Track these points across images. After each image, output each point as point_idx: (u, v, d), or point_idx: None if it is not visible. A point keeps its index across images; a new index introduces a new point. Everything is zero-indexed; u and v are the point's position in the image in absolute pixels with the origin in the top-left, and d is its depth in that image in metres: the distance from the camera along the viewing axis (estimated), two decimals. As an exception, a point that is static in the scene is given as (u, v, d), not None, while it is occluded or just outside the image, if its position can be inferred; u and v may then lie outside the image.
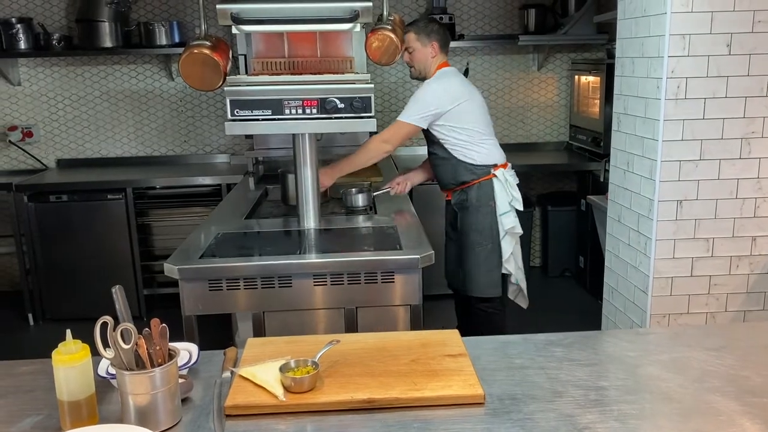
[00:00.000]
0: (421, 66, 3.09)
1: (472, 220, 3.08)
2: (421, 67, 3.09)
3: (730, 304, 2.85)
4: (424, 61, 3.08)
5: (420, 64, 3.08)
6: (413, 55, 3.07)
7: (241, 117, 2.48)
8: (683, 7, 2.57)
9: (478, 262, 3.10)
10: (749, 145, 2.70)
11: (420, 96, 3.01)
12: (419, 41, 3.04)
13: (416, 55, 3.06)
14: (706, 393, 1.37)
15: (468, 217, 3.09)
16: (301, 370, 1.39)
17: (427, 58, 3.07)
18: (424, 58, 3.07)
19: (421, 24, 3.09)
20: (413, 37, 3.03)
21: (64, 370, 1.25)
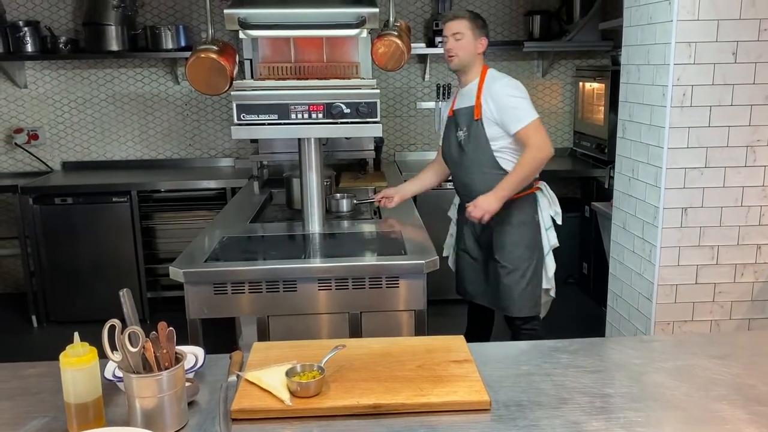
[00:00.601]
0: (465, 57, 2.76)
1: (515, 237, 2.83)
2: (465, 58, 2.77)
3: (734, 312, 2.85)
4: (470, 54, 2.77)
5: (465, 54, 2.76)
6: (460, 43, 2.75)
7: (248, 121, 2.49)
8: (689, 15, 2.58)
9: (520, 282, 2.84)
10: (755, 153, 2.70)
11: (516, 94, 2.73)
12: (472, 31, 2.75)
13: (464, 43, 2.74)
14: (712, 401, 1.37)
15: (509, 233, 2.82)
16: (307, 375, 1.39)
17: (474, 52, 2.78)
18: (472, 50, 2.76)
19: (475, 16, 2.82)
20: (467, 25, 2.75)
21: (71, 372, 1.25)
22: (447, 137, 2.94)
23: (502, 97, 2.71)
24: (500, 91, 2.72)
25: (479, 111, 2.75)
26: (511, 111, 2.69)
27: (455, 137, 2.86)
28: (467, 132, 2.79)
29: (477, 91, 2.78)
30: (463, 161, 2.83)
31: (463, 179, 2.87)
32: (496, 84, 2.74)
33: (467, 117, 2.80)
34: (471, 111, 2.78)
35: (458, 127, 2.84)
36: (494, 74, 2.81)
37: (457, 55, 2.76)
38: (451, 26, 2.75)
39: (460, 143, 2.83)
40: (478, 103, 2.76)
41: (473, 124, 2.77)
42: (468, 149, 2.80)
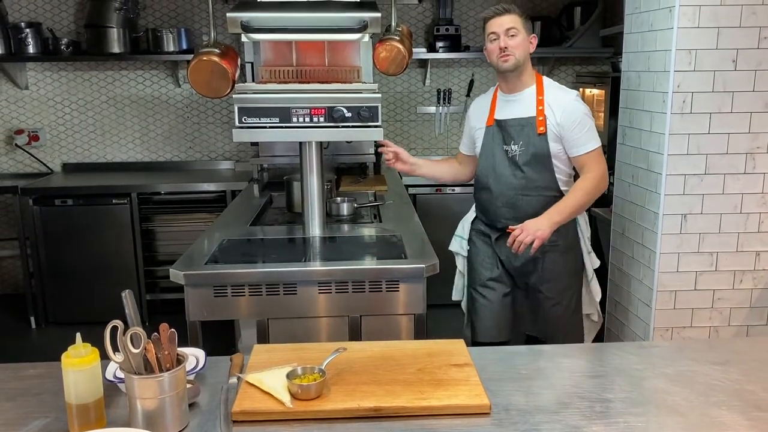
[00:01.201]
0: (522, 56, 2.46)
1: (561, 266, 2.58)
2: (522, 57, 2.46)
3: (733, 318, 2.85)
4: (526, 52, 2.48)
5: (522, 52, 2.45)
6: (515, 39, 2.43)
7: (249, 124, 2.50)
8: (690, 23, 2.59)
9: (566, 311, 2.64)
10: (754, 161, 2.71)
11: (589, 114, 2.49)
12: (524, 27, 2.47)
13: (519, 40, 2.44)
14: (712, 407, 1.37)
15: (556, 262, 2.56)
16: (308, 377, 1.40)
17: (528, 51, 2.49)
18: (527, 48, 2.48)
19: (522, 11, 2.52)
20: (519, 20, 2.45)
21: (73, 373, 1.25)
22: (489, 151, 2.58)
23: (576, 114, 2.44)
24: (575, 107, 2.45)
25: (544, 124, 2.45)
26: (583, 132, 2.44)
27: (503, 151, 2.53)
28: (525, 147, 2.48)
29: (536, 100, 2.49)
30: (516, 179, 2.51)
31: (514, 200, 2.53)
32: (566, 97, 2.48)
33: (525, 129, 2.48)
34: (531, 123, 2.47)
35: (509, 139, 2.51)
36: (554, 83, 2.55)
37: (513, 53, 2.43)
38: (503, 21, 2.43)
39: (513, 159, 2.51)
40: (541, 115, 2.46)
41: (535, 139, 2.46)
42: (526, 167, 2.49)
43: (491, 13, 2.46)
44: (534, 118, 2.47)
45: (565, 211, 2.44)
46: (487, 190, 2.59)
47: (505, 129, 2.53)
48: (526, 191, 2.51)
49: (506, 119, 2.52)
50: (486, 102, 2.63)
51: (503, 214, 2.56)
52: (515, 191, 2.52)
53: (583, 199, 2.47)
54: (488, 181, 2.57)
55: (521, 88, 2.51)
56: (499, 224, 2.58)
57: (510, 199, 2.54)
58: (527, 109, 2.49)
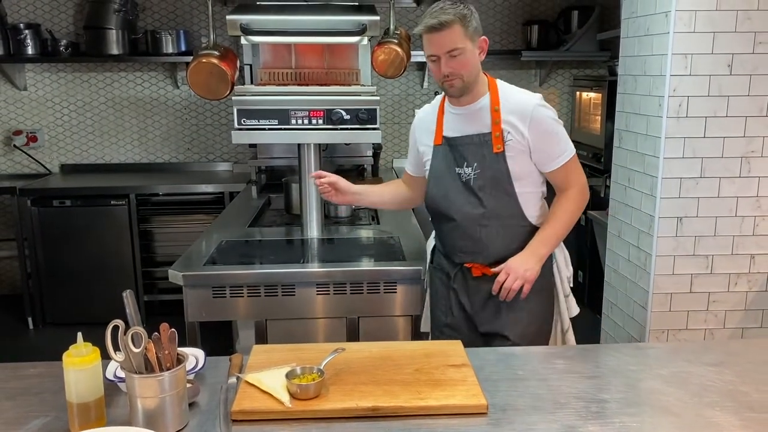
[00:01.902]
0: (470, 75, 1.97)
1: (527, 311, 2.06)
2: (470, 77, 1.98)
3: (728, 321, 2.87)
4: (476, 69, 1.99)
5: (470, 71, 1.96)
6: (460, 60, 1.93)
7: (248, 126, 2.51)
8: (686, 27, 2.61)
9: None
10: (749, 164, 2.74)
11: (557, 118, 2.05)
12: (470, 38, 1.94)
13: (466, 57, 1.93)
14: (706, 408, 1.39)
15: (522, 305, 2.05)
16: (306, 377, 1.41)
17: (477, 64, 1.99)
18: (476, 63, 1.99)
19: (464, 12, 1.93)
20: (461, 32, 1.91)
21: (74, 372, 1.26)
22: (439, 174, 2.11)
23: (545, 122, 2.00)
24: (542, 113, 2.00)
25: (501, 140, 1.99)
26: (556, 141, 2.02)
27: (455, 174, 2.06)
28: (480, 169, 2.02)
29: (491, 111, 2.01)
30: (473, 208, 2.04)
31: (472, 232, 2.06)
32: (529, 102, 2.01)
33: (479, 148, 2.02)
34: (485, 140, 2.01)
35: (461, 161, 2.05)
36: (512, 88, 2.09)
37: (460, 77, 1.95)
38: (443, 42, 1.91)
39: (467, 183, 2.04)
40: (498, 130, 2.00)
41: (491, 159, 2.00)
42: (482, 192, 2.03)
43: (424, 28, 1.93)
44: (489, 134, 2.00)
45: (550, 241, 2.03)
46: (443, 220, 2.13)
47: (455, 149, 2.06)
48: (485, 221, 2.03)
49: (456, 137, 2.06)
50: (432, 115, 2.16)
51: (461, 247, 2.09)
52: (473, 222, 2.05)
53: (570, 220, 2.06)
54: (441, 210, 2.11)
55: (472, 100, 2.03)
56: (456, 258, 2.11)
57: (467, 231, 2.06)
58: (481, 123, 2.03)
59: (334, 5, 2.74)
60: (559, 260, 2.13)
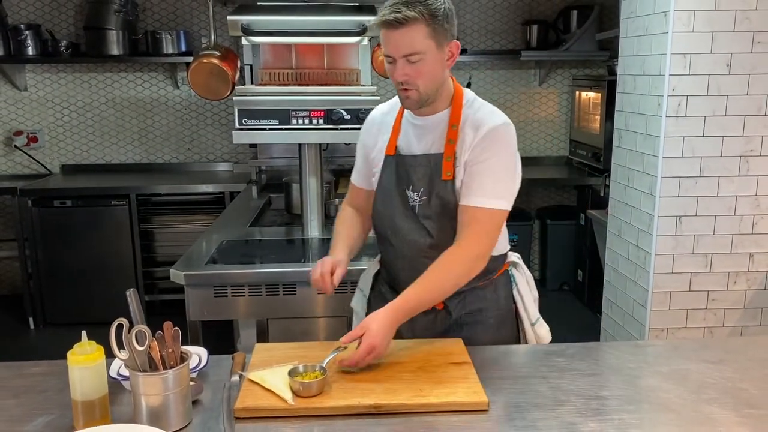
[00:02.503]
0: (429, 88, 1.61)
1: (495, 341, 1.77)
2: (429, 90, 1.61)
3: (727, 319, 2.88)
4: (438, 78, 1.62)
5: (429, 83, 1.60)
6: (419, 66, 1.56)
7: (249, 126, 2.52)
8: (685, 27, 2.62)
9: None
10: (748, 163, 2.75)
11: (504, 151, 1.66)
12: (434, 39, 1.56)
13: (426, 66, 1.57)
14: (705, 404, 1.40)
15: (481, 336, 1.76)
16: (309, 375, 1.42)
17: (442, 73, 1.63)
18: (438, 72, 1.61)
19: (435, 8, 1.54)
20: (425, 32, 1.54)
21: (79, 370, 1.27)
22: (386, 192, 1.76)
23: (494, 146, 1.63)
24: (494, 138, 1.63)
25: (452, 166, 1.65)
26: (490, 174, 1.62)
27: (403, 196, 1.73)
28: (427, 196, 1.69)
29: (447, 129, 1.67)
30: (420, 237, 1.72)
31: (417, 265, 1.67)
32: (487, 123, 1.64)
33: (428, 171, 1.68)
34: (436, 163, 1.67)
35: (408, 182, 1.71)
36: (481, 104, 1.71)
37: (416, 87, 1.59)
38: (400, 41, 1.54)
39: (413, 209, 1.71)
40: (449, 152, 1.65)
41: (439, 185, 1.67)
42: (427, 221, 1.70)
43: (381, 18, 1.54)
44: (440, 156, 1.66)
45: (414, 306, 1.60)
46: (386, 243, 1.80)
47: (404, 166, 1.72)
48: (433, 253, 1.66)
49: (406, 154, 1.72)
50: (389, 117, 1.80)
51: (405, 278, 1.70)
52: (418, 252, 1.72)
53: (442, 290, 1.64)
54: (386, 234, 1.79)
55: (431, 111, 1.68)
56: (400, 289, 1.67)
57: (413, 263, 1.72)
58: (435, 141, 1.68)
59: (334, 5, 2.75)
60: (520, 284, 1.84)
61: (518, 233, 4.82)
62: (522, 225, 4.86)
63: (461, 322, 1.77)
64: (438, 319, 1.77)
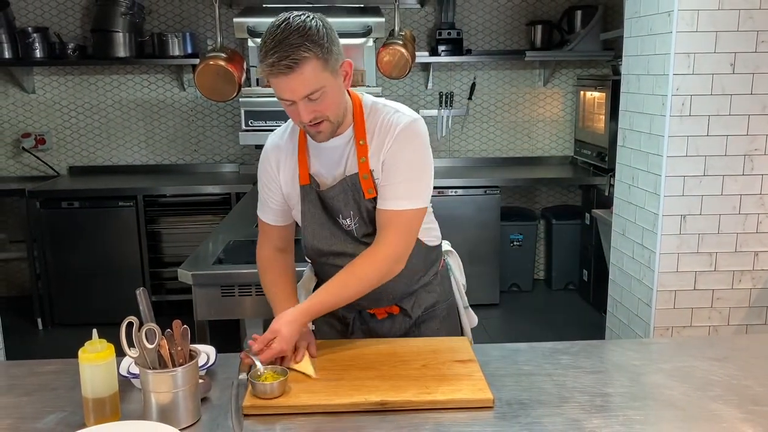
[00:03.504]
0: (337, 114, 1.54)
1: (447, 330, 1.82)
2: (338, 115, 1.55)
3: (732, 318, 2.89)
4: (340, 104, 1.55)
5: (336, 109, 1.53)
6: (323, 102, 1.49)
7: (255, 127, 2.55)
8: (688, 27, 2.63)
9: None
10: (752, 162, 2.75)
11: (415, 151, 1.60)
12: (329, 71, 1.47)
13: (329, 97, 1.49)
14: (709, 401, 1.41)
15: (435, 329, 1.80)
16: (270, 377, 1.42)
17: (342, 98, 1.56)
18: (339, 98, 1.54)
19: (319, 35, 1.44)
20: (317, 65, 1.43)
21: (90, 368, 1.29)
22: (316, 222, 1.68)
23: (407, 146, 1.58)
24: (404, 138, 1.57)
25: (371, 182, 1.61)
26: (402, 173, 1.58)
27: (333, 226, 1.68)
28: (359, 218, 1.65)
29: (356, 147, 1.60)
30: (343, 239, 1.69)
31: None
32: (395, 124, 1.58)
33: (349, 195, 1.63)
34: (355, 184, 1.62)
35: (337, 212, 1.66)
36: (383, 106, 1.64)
37: (326, 118, 1.52)
38: (295, 87, 1.45)
39: (351, 233, 1.67)
40: (365, 170, 1.60)
41: (366, 206, 1.63)
42: (371, 239, 1.64)
43: (269, 68, 1.43)
44: (356, 176, 1.61)
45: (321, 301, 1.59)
46: (327, 266, 1.72)
47: (325, 199, 1.65)
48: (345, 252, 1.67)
49: (323, 185, 1.65)
50: (291, 144, 1.68)
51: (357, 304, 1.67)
52: None
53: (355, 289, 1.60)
54: (328, 261, 1.72)
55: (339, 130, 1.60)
56: (355, 306, 1.71)
57: None
58: (347, 162, 1.62)
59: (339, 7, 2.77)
60: (455, 271, 1.87)
61: (523, 233, 4.84)
62: (527, 225, 4.87)
63: (419, 321, 1.78)
64: (396, 323, 1.77)
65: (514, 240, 4.83)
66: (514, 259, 4.84)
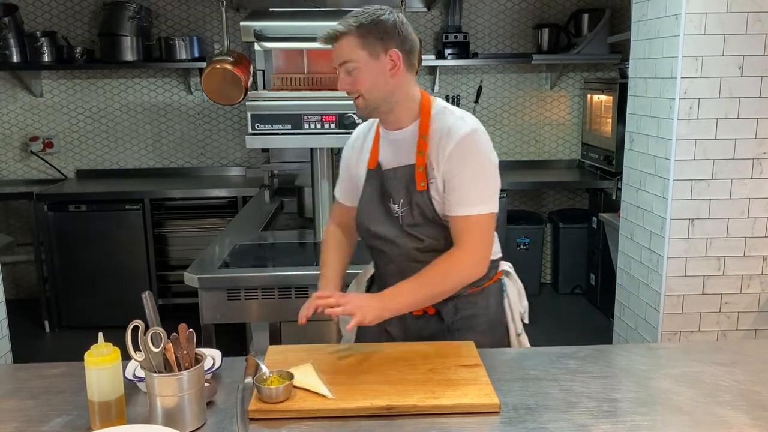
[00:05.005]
0: (374, 95, 1.67)
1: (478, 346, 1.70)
2: (374, 96, 1.67)
3: (741, 322, 2.87)
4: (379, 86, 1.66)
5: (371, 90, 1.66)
6: (356, 75, 1.65)
7: (262, 131, 2.55)
8: (696, 30, 2.62)
9: None
10: (761, 166, 2.74)
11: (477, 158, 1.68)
12: (367, 50, 1.63)
13: (362, 75, 1.64)
14: (717, 407, 1.40)
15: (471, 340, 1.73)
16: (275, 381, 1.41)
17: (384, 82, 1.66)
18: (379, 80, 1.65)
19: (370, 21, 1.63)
20: (356, 43, 1.63)
21: (96, 371, 1.30)
22: (369, 204, 1.81)
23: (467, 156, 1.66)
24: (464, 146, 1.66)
25: (425, 176, 1.70)
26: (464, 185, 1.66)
27: (386, 208, 1.77)
28: (408, 206, 1.73)
29: (418, 140, 1.71)
30: (409, 241, 1.76)
31: (406, 268, 1.74)
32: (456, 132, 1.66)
33: (404, 183, 1.73)
34: (410, 174, 1.72)
35: (389, 195, 1.76)
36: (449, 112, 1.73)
37: (360, 94, 1.67)
38: (337, 52, 1.66)
39: (397, 220, 1.75)
40: (421, 163, 1.70)
41: (417, 196, 1.71)
42: (415, 230, 1.74)
43: (320, 37, 1.68)
44: (413, 167, 1.72)
45: (401, 301, 1.66)
46: (376, 251, 1.86)
47: (385, 180, 1.77)
48: (422, 257, 1.74)
49: (386, 169, 1.77)
50: (370, 134, 1.86)
51: (394, 284, 1.71)
52: (408, 258, 1.77)
53: (434, 288, 1.68)
54: (373, 243, 1.84)
55: (397, 124, 1.74)
56: None
57: (401, 267, 1.77)
58: (408, 154, 1.73)
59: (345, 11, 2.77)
60: (510, 294, 1.86)
61: (530, 236, 4.83)
62: (534, 228, 4.86)
63: (452, 328, 1.80)
64: (430, 323, 1.81)
65: (520, 243, 4.82)
66: (521, 262, 4.77)
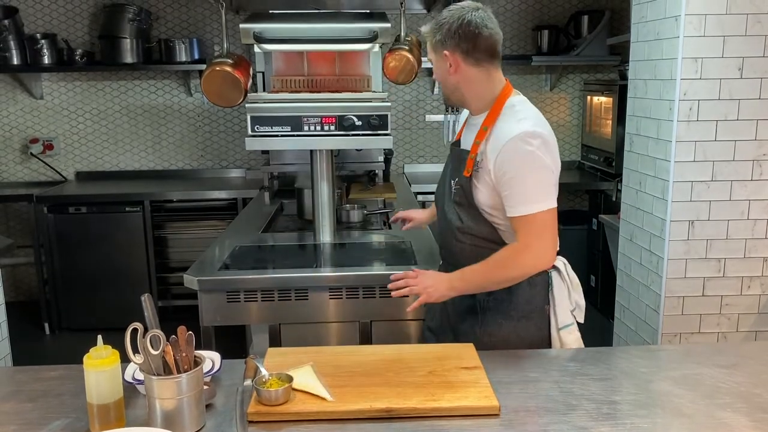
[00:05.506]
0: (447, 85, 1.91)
1: (509, 335, 1.85)
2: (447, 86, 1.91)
3: (741, 324, 2.86)
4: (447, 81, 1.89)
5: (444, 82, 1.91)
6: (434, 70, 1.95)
7: (261, 133, 2.54)
8: (696, 32, 2.62)
9: None
10: (761, 167, 2.73)
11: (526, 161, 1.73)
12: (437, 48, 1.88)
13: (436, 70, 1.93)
14: (717, 409, 1.40)
15: (503, 327, 1.85)
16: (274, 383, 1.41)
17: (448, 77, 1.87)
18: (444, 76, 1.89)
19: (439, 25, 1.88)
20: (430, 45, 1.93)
21: (95, 374, 1.29)
22: (442, 177, 2.05)
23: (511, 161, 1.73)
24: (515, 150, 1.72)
25: (472, 164, 1.81)
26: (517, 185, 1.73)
27: (447, 182, 1.96)
28: (459, 187, 1.87)
29: (479, 130, 1.83)
30: (452, 220, 1.91)
31: (449, 244, 1.95)
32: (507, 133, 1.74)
33: (459, 165, 1.88)
34: (464, 159, 1.85)
35: (452, 170, 1.95)
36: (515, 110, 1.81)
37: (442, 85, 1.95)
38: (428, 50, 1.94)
39: (451, 195, 1.92)
40: (474, 151, 1.82)
41: (464, 180, 1.85)
42: (460, 209, 1.88)
43: None
44: (467, 152, 1.85)
45: (472, 283, 1.81)
46: (439, 219, 2.06)
47: (453, 155, 1.98)
48: (461, 236, 1.88)
49: (458, 148, 1.96)
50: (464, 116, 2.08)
51: (444, 255, 2.03)
52: (451, 234, 1.92)
53: (495, 275, 1.79)
54: (438, 212, 2.06)
55: (475, 112, 1.90)
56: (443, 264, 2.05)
57: (447, 240, 1.96)
58: (471, 139, 1.86)
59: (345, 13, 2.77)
60: (556, 288, 1.87)
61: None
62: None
63: (484, 307, 1.87)
64: (459, 297, 1.87)
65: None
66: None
